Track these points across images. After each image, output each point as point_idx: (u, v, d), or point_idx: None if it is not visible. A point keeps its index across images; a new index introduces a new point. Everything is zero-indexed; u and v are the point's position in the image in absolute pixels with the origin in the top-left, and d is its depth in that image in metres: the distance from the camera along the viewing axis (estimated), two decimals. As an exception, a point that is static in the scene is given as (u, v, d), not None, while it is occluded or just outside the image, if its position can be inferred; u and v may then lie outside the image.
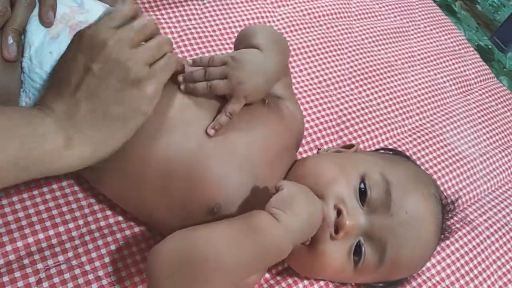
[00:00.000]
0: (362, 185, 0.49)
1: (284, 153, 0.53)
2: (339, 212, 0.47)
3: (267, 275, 0.57)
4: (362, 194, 0.49)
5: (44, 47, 0.50)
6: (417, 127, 0.82)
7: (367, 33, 0.92)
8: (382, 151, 0.65)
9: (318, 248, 0.48)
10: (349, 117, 0.77)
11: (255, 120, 0.50)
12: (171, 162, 0.46)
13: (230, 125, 0.48)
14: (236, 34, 0.77)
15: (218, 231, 0.42)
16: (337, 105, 0.77)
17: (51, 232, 0.50)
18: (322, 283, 0.58)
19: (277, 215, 0.42)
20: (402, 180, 0.50)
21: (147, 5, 0.74)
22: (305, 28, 0.85)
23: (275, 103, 0.53)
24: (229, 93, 0.47)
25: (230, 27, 0.78)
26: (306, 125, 0.73)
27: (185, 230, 0.42)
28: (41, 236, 0.49)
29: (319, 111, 0.75)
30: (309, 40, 0.84)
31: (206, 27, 0.76)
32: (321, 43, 0.84)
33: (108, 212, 0.54)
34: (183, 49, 0.73)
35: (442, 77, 0.93)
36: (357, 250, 0.48)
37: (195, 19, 0.77)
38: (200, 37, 0.75)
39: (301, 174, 0.51)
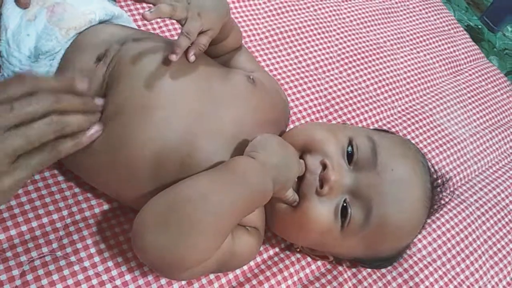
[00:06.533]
0: (349, 148, 0.50)
1: (272, 127, 0.53)
2: (324, 167, 0.48)
3: (258, 259, 0.56)
4: (350, 157, 0.49)
5: (21, 30, 0.48)
6: (407, 108, 0.82)
7: (355, 14, 0.90)
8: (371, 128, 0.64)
9: (304, 205, 0.48)
10: (338, 100, 0.76)
11: (241, 96, 0.50)
12: (161, 148, 0.45)
13: (216, 102, 0.47)
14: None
15: (199, 177, 0.42)
16: (325, 88, 0.76)
17: (34, 224, 0.49)
18: (313, 266, 0.58)
19: (252, 155, 0.44)
20: (389, 144, 0.51)
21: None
22: (292, 11, 0.84)
23: (257, 79, 0.53)
24: (185, 15, 0.46)
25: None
26: (295, 109, 0.72)
27: (168, 188, 0.42)
28: (23, 228, 0.48)
29: (307, 95, 0.74)
30: (296, 23, 0.82)
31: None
32: (308, 26, 0.83)
33: (93, 202, 0.53)
34: (167, 34, 0.71)
35: (431, 58, 0.92)
36: (344, 211, 0.48)
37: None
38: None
39: (290, 135, 0.53)
